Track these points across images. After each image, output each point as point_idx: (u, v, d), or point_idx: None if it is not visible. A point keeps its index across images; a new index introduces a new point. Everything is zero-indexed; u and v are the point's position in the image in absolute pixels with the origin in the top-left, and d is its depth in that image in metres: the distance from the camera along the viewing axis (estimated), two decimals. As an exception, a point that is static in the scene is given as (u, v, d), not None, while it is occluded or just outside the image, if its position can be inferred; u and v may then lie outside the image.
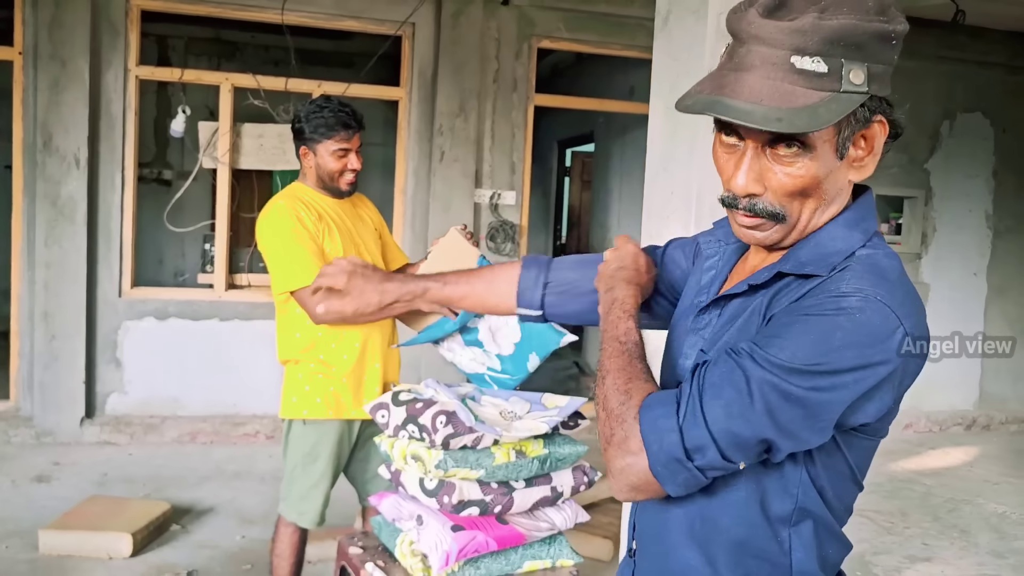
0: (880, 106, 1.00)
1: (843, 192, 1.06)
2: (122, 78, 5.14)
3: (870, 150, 1.03)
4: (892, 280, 0.99)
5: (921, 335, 0.99)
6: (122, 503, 3.87)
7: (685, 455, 0.97)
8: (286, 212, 2.46)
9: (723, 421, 0.96)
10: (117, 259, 5.20)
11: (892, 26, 0.96)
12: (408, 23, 5.50)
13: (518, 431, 2.11)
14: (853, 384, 0.95)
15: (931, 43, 6.34)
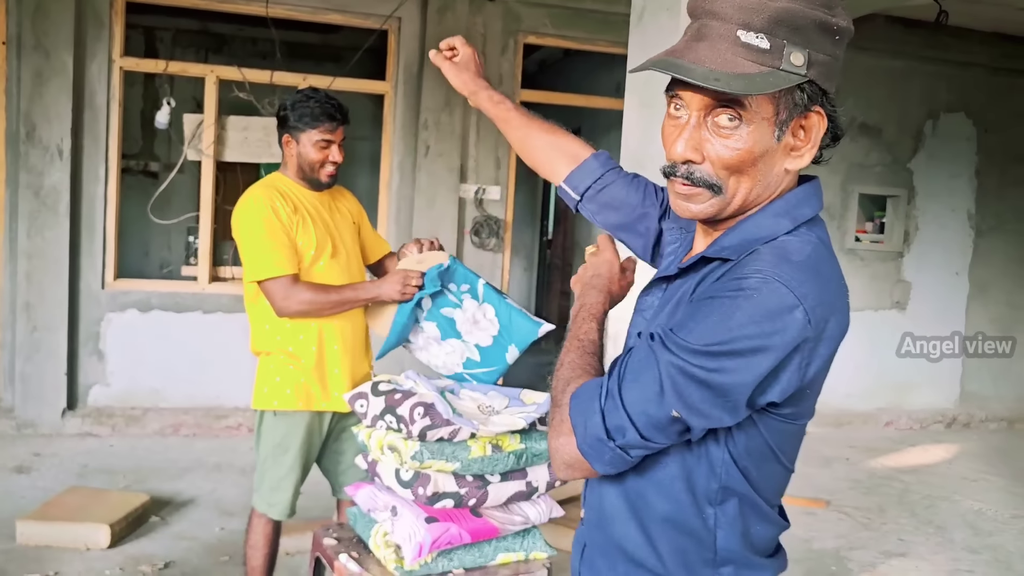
0: (820, 98, 1.04)
1: (779, 180, 1.09)
2: (106, 69, 5.13)
3: (808, 140, 1.07)
4: (795, 262, 1.02)
5: (825, 316, 1.01)
6: (101, 494, 3.87)
7: (607, 435, 1.04)
8: (261, 202, 2.47)
9: (639, 404, 1.02)
10: (100, 250, 5.18)
11: (835, 20, 1.01)
12: (394, 17, 5.50)
13: (495, 425, 2.12)
14: (754, 362, 0.98)
15: (915, 43, 6.38)
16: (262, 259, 2.42)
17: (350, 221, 2.69)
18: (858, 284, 6.63)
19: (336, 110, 2.54)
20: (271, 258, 2.41)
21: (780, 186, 1.10)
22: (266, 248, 2.42)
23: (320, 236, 2.53)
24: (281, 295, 2.41)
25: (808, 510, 4.58)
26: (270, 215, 2.44)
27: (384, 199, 5.73)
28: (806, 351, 1.01)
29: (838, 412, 6.55)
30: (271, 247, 2.42)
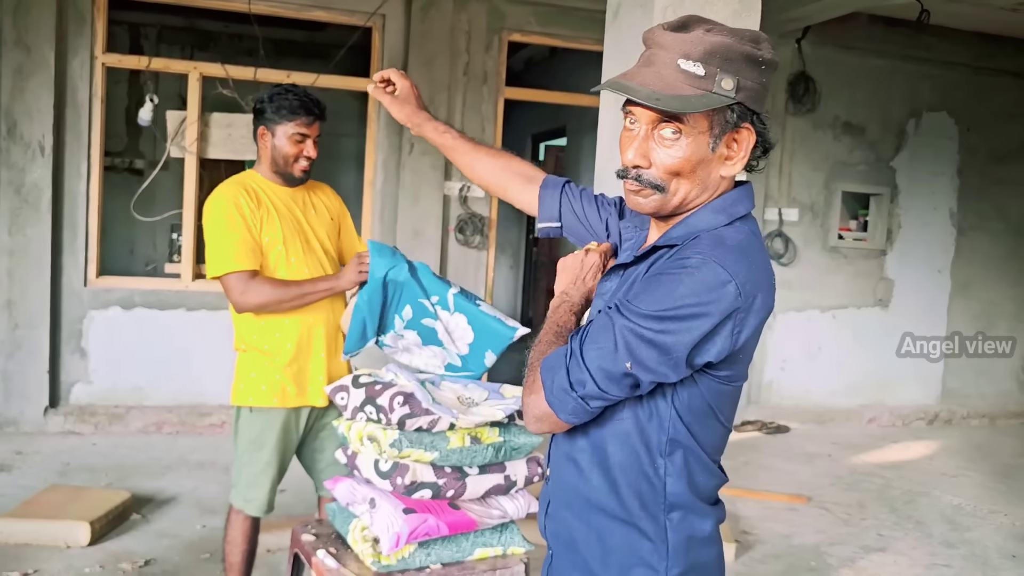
0: (749, 117, 1.25)
1: (717, 183, 1.29)
2: (88, 65, 5.11)
3: (739, 151, 1.27)
4: (729, 246, 1.22)
5: (753, 291, 1.21)
6: (82, 492, 3.86)
7: (570, 387, 1.25)
8: (225, 198, 2.47)
9: (597, 360, 1.23)
10: (83, 248, 5.17)
11: (761, 53, 1.22)
12: (378, 14, 5.50)
13: (474, 416, 2.14)
14: (694, 326, 1.19)
15: (898, 42, 6.43)
16: (220, 255, 2.42)
17: (327, 218, 2.68)
18: (841, 281, 6.68)
19: (314, 105, 2.55)
20: (228, 253, 2.41)
21: (718, 189, 1.30)
22: (224, 244, 2.42)
23: (287, 232, 2.52)
24: (239, 290, 2.40)
25: (790, 506, 4.61)
26: (232, 211, 2.44)
27: (368, 197, 5.73)
28: (737, 320, 1.21)
29: (821, 409, 6.60)
30: (229, 243, 2.42)
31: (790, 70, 6.32)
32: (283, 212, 2.55)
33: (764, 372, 6.47)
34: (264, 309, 2.45)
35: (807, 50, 6.33)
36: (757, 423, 6.24)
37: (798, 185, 6.51)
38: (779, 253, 6.43)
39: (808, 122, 6.45)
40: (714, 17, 2.14)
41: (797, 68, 6.33)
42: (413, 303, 2.45)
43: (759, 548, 3.98)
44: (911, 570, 3.85)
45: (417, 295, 2.41)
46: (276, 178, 2.59)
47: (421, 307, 2.46)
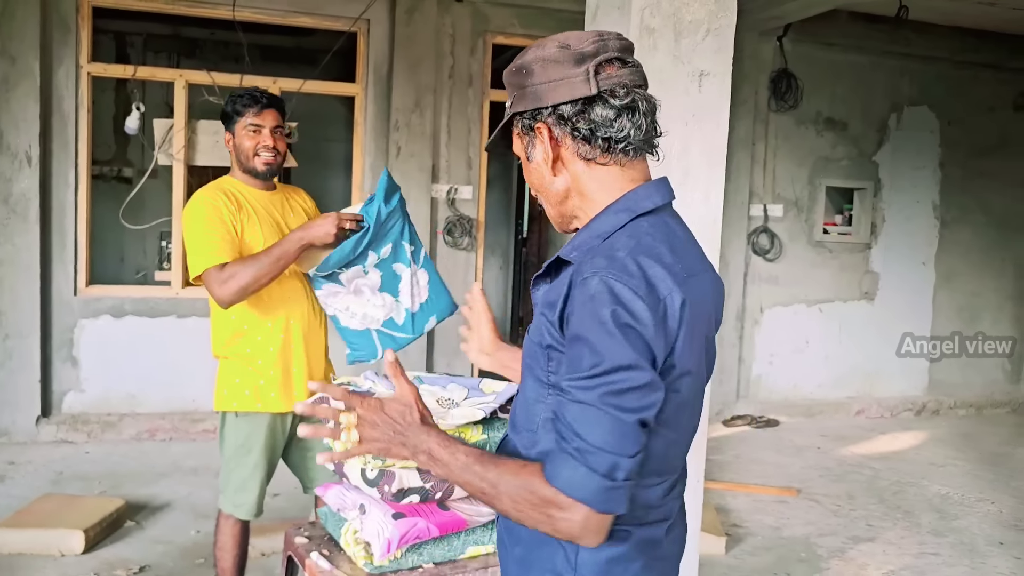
0: (537, 116, 1.26)
1: (576, 188, 1.29)
2: (74, 75, 5.12)
3: (543, 152, 1.28)
4: (619, 257, 1.17)
5: (660, 295, 1.15)
6: (75, 500, 3.87)
7: (610, 479, 1.13)
8: (203, 201, 2.49)
9: (609, 437, 1.13)
10: (72, 257, 5.18)
11: (518, 63, 1.28)
12: (363, 19, 5.53)
13: (455, 419, 2.16)
14: (633, 345, 1.14)
15: (877, 38, 6.50)
16: (198, 254, 2.41)
17: (304, 220, 2.70)
18: (827, 275, 6.75)
19: (262, 95, 2.58)
20: (205, 251, 2.40)
21: (612, 190, 1.27)
22: (201, 243, 2.42)
23: (268, 233, 2.53)
24: (218, 282, 2.38)
25: (779, 498, 4.67)
26: (210, 211, 2.45)
27: (356, 200, 5.75)
28: (660, 326, 1.15)
29: (810, 402, 6.67)
30: (205, 241, 2.41)
31: (772, 67, 6.38)
32: (262, 214, 2.56)
33: (753, 367, 6.53)
34: (248, 290, 2.40)
35: (788, 47, 6.39)
36: (747, 417, 6.30)
37: (782, 181, 6.57)
38: (765, 249, 6.49)
39: (791, 118, 6.51)
40: (689, 16, 2.19)
41: (779, 65, 6.40)
42: (396, 243, 2.49)
43: (749, 541, 4.03)
44: (900, 559, 3.90)
45: (403, 236, 2.47)
46: (249, 179, 2.60)
47: (401, 250, 2.50)
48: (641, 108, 1.24)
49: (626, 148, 1.24)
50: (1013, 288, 7.30)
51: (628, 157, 1.26)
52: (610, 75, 1.22)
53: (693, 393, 1.25)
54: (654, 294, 1.14)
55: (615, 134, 1.23)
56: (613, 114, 1.22)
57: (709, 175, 2.13)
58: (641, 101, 1.24)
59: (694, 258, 1.26)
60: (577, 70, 1.22)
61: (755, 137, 6.39)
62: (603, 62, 1.22)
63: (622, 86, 1.22)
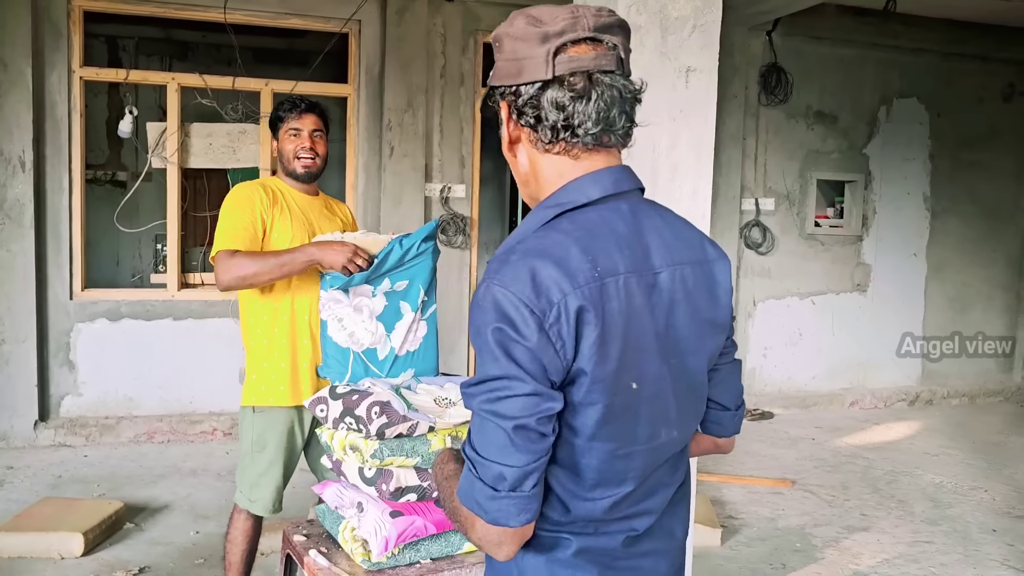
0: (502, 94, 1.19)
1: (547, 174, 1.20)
2: (66, 79, 5.13)
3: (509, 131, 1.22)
4: (512, 261, 1.11)
5: (549, 300, 1.08)
6: (74, 503, 3.89)
7: (494, 490, 1.09)
8: (239, 191, 2.58)
9: (494, 447, 1.09)
10: (67, 261, 5.19)
11: (496, 32, 1.19)
12: (354, 20, 5.54)
13: (452, 417, 2.19)
14: (516, 357, 1.09)
15: (866, 31, 6.54)
16: (217, 238, 2.50)
17: (340, 229, 2.74)
18: (819, 268, 6.79)
19: (301, 100, 2.68)
20: (224, 235, 2.48)
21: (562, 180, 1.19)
22: (224, 228, 2.50)
23: (298, 232, 2.59)
24: (222, 268, 2.44)
25: (775, 490, 4.70)
26: (242, 201, 2.54)
27: (351, 201, 5.77)
28: (552, 333, 1.08)
29: (804, 394, 6.71)
30: (228, 226, 2.49)
31: (761, 62, 6.42)
32: (296, 214, 2.63)
33: (747, 360, 6.56)
34: (244, 281, 2.45)
35: (778, 42, 6.42)
36: (742, 411, 6.33)
37: (774, 175, 6.60)
38: (757, 242, 6.52)
39: (781, 112, 6.55)
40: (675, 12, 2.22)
41: (768, 60, 6.43)
42: (412, 283, 2.52)
43: (745, 532, 4.07)
44: (894, 548, 3.94)
45: (422, 282, 2.50)
46: (291, 182, 2.68)
47: (415, 292, 2.53)
48: (599, 96, 1.13)
49: (573, 138, 1.15)
50: (1003, 277, 7.35)
51: (582, 148, 1.16)
52: (572, 57, 1.12)
53: (634, 401, 1.14)
54: (543, 300, 1.07)
55: (562, 121, 1.14)
56: (566, 100, 1.13)
57: (697, 170, 2.16)
58: (601, 88, 1.13)
59: (632, 256, 1.14)
60: (539, 50, 1.13)
61: (746, 132, 6.43)
62: (568, 42, 1.12)
63: (581, 71, 1.12)
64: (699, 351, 1.23)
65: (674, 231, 1.23)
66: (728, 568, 3.65)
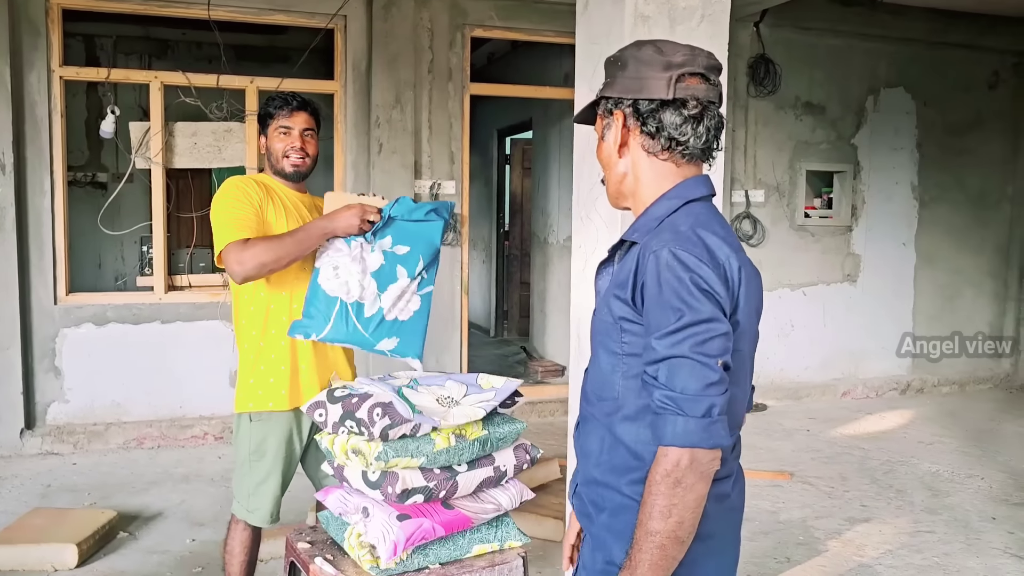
0: (619, 104, 1.44)
1: (653, 175, 1.45)
2: (45, 79, 5.01)
3: (620, 136, 1.45)
4: (683, 231, 1.34)
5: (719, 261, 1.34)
6: (66, 513, 3.81)
7: (708, 418, 1.27)
8: (232, 184, 2.50)
9: (699, 384, 1.27)
10: (50, 265, 5.08)
11: (616, 54, 1.47)
12: (339, 16, 5.46)
13: (456, 418, 2.14)
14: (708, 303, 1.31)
15: (853, 21, 6.53)
16: (221, 231, 2.40)
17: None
18: (810, 259, 6.79)
19: (292, 97, 2.59)
20: (227, 229, 2.39)
21: (664, 182, 1.44)
22: (224, 221, 2.41)
23: (292, 227, 2.52)
24: (236, 259, 2.35)
25: (774, 482, 4.69)
26: (237, 194, 2.46)
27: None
28: (724, 286, 1.33)
29: (796, 385, 6.71)
30: (228, 220, 2.41)
31: (750, 53, 6.40)
32: (290, 208, 2.57)
33: (740, 352, 6.55)
34: (266, 267, 2.37)
35: (765, 33, 6.40)
36: (736, 403, 6.32)
37: (763, 166, 6.59)
38: (748, 234, 6.51)
39: (770, 104, 6.54)
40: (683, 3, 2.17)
41: (756, 51, 6.41)
42: (414, 250, 2.48)
43: (747, 526, 4.01)
44: (896, 538, 3.93)
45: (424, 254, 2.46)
46: (280, 180, 2.62)
47: (414, 261, 2.48)
48: (707, 123, 1.39)
49: (684, 151, 1.41)
50: (991, 265, 7.38)
51: (684, 160, 1.42)
52: (688, 87, 1.38)
53: (749, 353, 1.43)
54: (715, 259, 1.31)
55: (678, 137, 1.39)
56: (680, 120, 1.38)
57: (708, 163, 2.12)
58: (709, 116, 1.40)
59: (736, 240, 1.42)
60: (663, 75, 1.38)
61: (735, 123, 6.41)
62: (687, 74, 1.38)
63: (695, 98, 1.38)
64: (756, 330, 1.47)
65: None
66: (733, 563, 3.62)
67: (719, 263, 1.31)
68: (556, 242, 7.51)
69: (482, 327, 9.64)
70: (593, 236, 2.23)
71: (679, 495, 1.27)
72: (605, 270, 1.52)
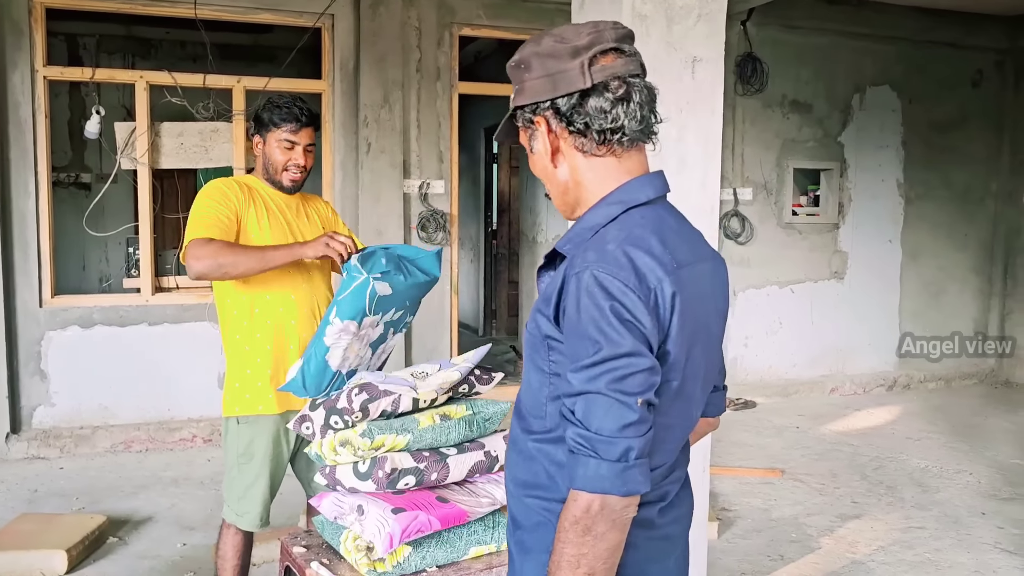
0: (536, 110, 1.29)
1: (575, 178, 1.31)
2: (29, 79, 4.95)
3: (549, 143, 1.30)
4: (609, 250, 1.20)
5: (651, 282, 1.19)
6: (54, 519, 3.76)
7: (624, 462, 1.16)
8: (213, 186, 2.48)
9: (615, 424, 1.16)
10: (35, 268, 5.02)
11: (515, 58, 1.31)
12: (327, 15, 5.43)
13: (430, 385, 2.14)
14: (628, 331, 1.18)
15: (839, 20, 6.57)
16: (189, 228, 2.39)
17: (318, 227, 2.64)
18: (797, 256, 6.82)
19: (302, 112, 2.54)
20: (196, 225, 2.37)
21: (608, 182, 1.29)
22: (196, 219, 2.39)
23: (275, 230, 2.50)
24: (193, 253, 2.32)
25: (765, 480, 4.71)
26: (217, 195, 2.44)
27: (327, 198, 5.64)
28: (653, 315, 1.19)
29: (785, 382, 6.75)
30: (201, 217, 2.39)
31: (737, 52, 6.41)
32: (274, 212, 2.54)
33: (729, 349, 6.57)
34: (219, 269, 2.32)
35: (752, 31, 6.42)
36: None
37: (751, 164, 6.61)
38: (736, 232, 6.53)
39: (757, 102, 6.56)
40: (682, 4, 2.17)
41: (744, 49, 6.43)
42: (404, 313, 2.46)
43: (740, 524, 4.06)
44: (888, 535, 3.96)
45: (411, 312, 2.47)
46: (269, 185, 2.59)
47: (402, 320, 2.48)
48: (636, 98, 1.24)
49: (621, 139, 1.25)
50: (975, 261, 7.45)
51: (624, 148, 1.27)
52: (604, 66, 1.23)
53: (688, 382, 1.27)
54: (644, 284, 1.17)
55: (611, 125, 1.24)
56: (608, 105, 1.23)
57: (705, 162, 2.12)
58: (637, 91, 1.24)
59: (688, 248, 1.28)
60: (572, 63, 1.23)
61: (723, 121, 6.41)
62: (598, 53, 1.23)
63: (616, 77, 1.23)
64: (719, 337, 1.38)
65: (691, 230, 1.35)
66: (727, 561, 3.63)
67: (648, 288, 1.17)
68: (544, 240, 7.50)
69: (470, 326, 9.62)
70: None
71: (588, 544, 1.16)
72: (543, 275, 1.37)
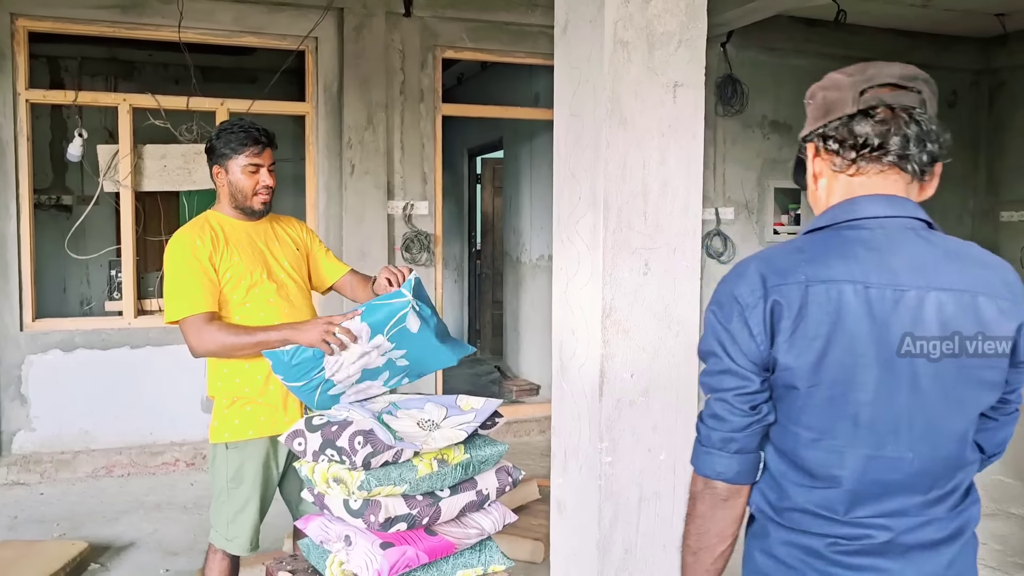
0: (807, 139, 1.39)
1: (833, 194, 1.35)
2: (11, 102, 4.94)
3: (813, 167, 1.38)
4: (744, 262, 1.35)
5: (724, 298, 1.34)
6: (35, 546, 3.71)
7: (701, 444, 1.35)
8: (181, 242, 2.45)
9: (703, 410, 1.37)
10: (16, 291, 4.99)
11: (809, 92, 1.41)
12: (311, 37, 5.46)
13: (436, 441, 2.12)
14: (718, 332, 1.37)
15: (817, 42, 6.67)
16: (177, 299, 2.39)
17: (292, 249, 2.64)
18: (780, 275, 6.87)
19: (261, 134, 2.53)
20: (185, 298, 2.38)
21: (833, 198, 1.35)
22: (181, 288, 2.39)
23: (250, 263, 2.48)
24: (194, 335, 2.37)
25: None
26: (188, 255, 2.42)
27: (312, 220, 5.67)
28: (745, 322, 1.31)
29: (770, 400, 6.77)
30: (185, 287, 2.39)
31: (717, 74, 6.50)
32: (244, 245, 2.51)
33: (713, 368, 6.60)
34: (220, 352, 2.40)
35: (732, 53, 6.51)
36: (710, 419, 6.36)
37: (732, 184, 6.68)
38: (719, 251, 6.59)
39: (738, 122, 6.64)
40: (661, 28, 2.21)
41: (724, 71, 6.51)
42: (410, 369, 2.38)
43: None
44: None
45: (412, 374, 2.40)
46: (237, 214, 2.56)
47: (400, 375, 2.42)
48: (900, 124, 1.26)
49: (871, 156, 1.28)
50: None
51: (873, 167, 1.29)
52: (876, 96, 1.28)
53: (842, 399, 1.23)
54: (754, 294, 1.26)
55: (863, 140, 1.27)
56: (869, 128, 1.27)
57: (687, 186, 2.15)
58: (902, 121, 1.26)
59: (866, 269, 1.23)
60: (848, 93, 1.29)
61: (704, 142, 6.48)
62: (875, 85, 1.28)
63: (884, 104, 1.27)
64: (956, 385, 1.27)
65: (952, 260, 1.29)
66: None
67: (759, 298, 1.26)
68: (528, 261, 7.53)
69: (455, 346, 9.59)
70: (575, 258, 2.23)
71: (688, 506, 1.39)
72: None
